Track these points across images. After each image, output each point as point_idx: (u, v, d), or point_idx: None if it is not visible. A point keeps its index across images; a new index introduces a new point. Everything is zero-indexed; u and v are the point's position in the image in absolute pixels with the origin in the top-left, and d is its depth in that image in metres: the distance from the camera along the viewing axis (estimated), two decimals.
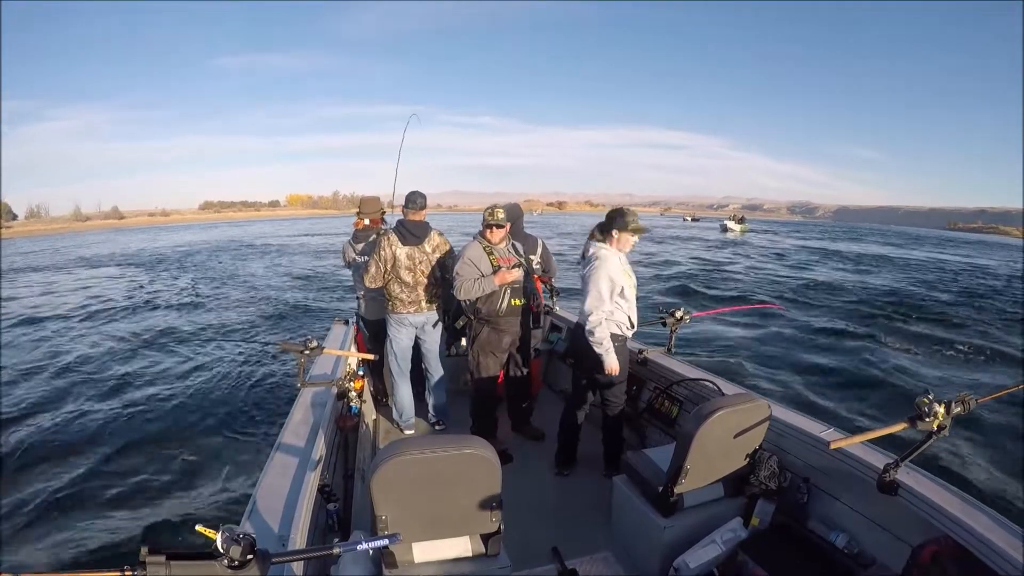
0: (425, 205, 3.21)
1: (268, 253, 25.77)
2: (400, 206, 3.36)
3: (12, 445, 4.72)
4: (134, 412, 5.45)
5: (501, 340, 3.03)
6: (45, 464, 4.39)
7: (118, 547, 3.22)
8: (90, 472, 4.25)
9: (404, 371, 3.37)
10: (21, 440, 4.82)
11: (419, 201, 3.17)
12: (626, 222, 2.50)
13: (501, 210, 2.94)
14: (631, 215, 2.54)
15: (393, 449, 1.51)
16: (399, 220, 3.19)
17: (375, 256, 3.11)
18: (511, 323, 3.02)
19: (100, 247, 35.86)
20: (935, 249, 41.28)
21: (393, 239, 3.10)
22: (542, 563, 1.99)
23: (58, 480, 4.13)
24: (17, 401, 5.85)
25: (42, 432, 5.00)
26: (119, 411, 5.48)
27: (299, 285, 14.94)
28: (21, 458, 4.50)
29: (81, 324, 10.28)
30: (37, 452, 4.61)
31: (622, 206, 2.69)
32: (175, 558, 0.91)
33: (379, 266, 3.10)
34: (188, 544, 0.98)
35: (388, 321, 3.30)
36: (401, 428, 3.47)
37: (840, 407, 5.79)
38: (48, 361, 7.53)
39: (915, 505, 1.64)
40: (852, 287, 15.45)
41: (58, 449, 4.66)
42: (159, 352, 7.83)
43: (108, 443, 4.75)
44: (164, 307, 11.94)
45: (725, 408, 1.89)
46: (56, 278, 18.69)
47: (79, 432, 4.99)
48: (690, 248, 29.43)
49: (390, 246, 3.09)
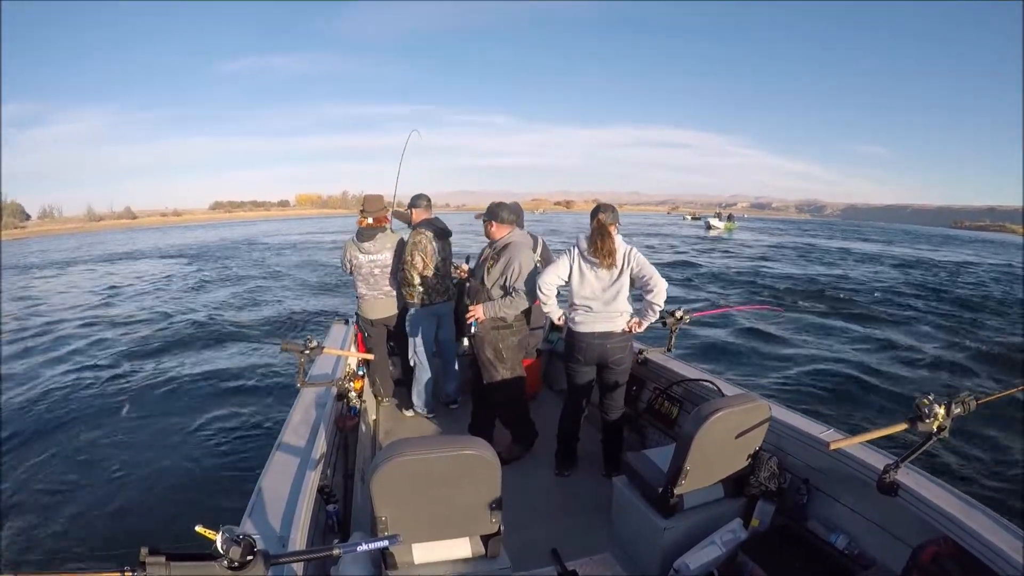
0: (430, 205, 3.60)
1: (284, 251, 25.84)
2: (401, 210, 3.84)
3: (10, 446, 4.72)
4: (133, 411, 5.45)
5: (518, 341, 2.98)
6: (44, 464, 4.40)
7: (118, 547, 3.23)
8: (88, 472, 4.25)
9: (429, 359, 3.57)
10: (19, 442, 4.82)
11: (423, 202, 3.55)
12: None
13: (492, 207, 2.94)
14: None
15: (393, 449, 1.51)
16: (425, 219, 3.50)
17: (418, 252, 3.35)
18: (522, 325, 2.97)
19: (119, 246, 36.10)
20: (928, 248, 40.78)
21: (429, 234, 3.39)
22: (542, 564, 1.99)
23: (57, 480, 4.13)
24: (14, 401, 5.85)
25: (39, 433, 5.00)
26: (118, 411, 5.48)
27: (308, 285, 14.94)
28: (20, 459, 4.50)
29: (90, 318, 10.30)
30: (36, 452, 4.62)
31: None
32: (175, 559, 0.91)
33: (423, 259, 3.36)
34: (188, 545, 0.98)
35: (415, 313, 3.49)
36: (418, 412, 3.68)
37: (839, 407, 5.79)
38: (44, 358, 7.53)
39: (915, 506, 1.64)
40: (823, 283, 15.55)
41: (55, 449, 4.66)
42: (158, 351, 7.82)
43: (105, 443, 4.75)
44: (163, 304, 11.95)
45: (725, 409, 1.88)
46: (75, 273, 19.00)
47: (75, 432, 4.99)
48: (670, 244, 29.29)
49: (429, 241, 3.38)
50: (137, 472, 4.25)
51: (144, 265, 22.34)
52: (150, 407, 5.59)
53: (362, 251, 3.53)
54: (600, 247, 2.52)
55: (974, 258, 30.76)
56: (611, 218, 2.58)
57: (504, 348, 2.88)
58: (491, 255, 2.86)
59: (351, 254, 3.56)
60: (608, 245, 2.52)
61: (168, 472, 4.25)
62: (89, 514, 3.69)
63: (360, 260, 3.53)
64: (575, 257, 2.61)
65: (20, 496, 3.90)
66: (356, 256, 3.54)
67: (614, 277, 2.56)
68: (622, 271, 2.56)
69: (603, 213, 2.58)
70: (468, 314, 2.81)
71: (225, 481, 4.08)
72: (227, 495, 3.83)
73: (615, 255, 2.53)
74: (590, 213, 2.67)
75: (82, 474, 4.22)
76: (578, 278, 2.60)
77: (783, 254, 26.56)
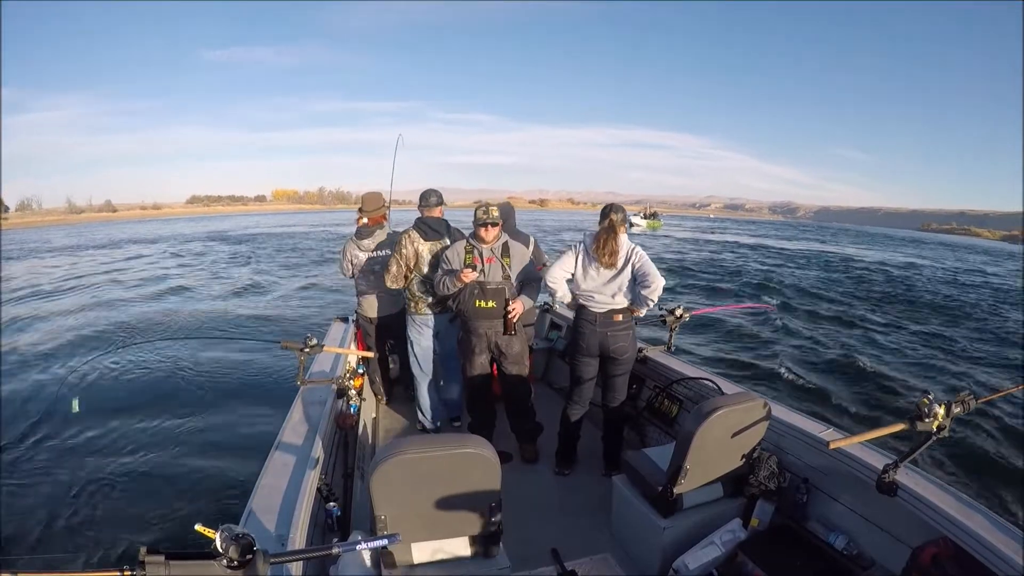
0: (441, 202, 3.24)
1: (282, 250, 25.95)
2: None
3: (10, 446, 4.72)
4: (131, 411, 5.44)
5: (471, 341, 2.90)
6: (43, 464, 4.39)
7: (117, 547, 3.22)
8: (87, 472, 4.24)
9: (428, 372, 3.36)
10: (16, 443, 4.82)
11: (432, 199, 3.21)
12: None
13: (495, 208, 2.87)
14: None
15: (393, 448, 1.51)
16: (417, 218, 3.19)
17: (396, 255, 3.10)
18: (481, 325, 2.85)
19: (127, 235, 36.20)
20: (879, 248, 42.08)
21: (415, 235, 3.11)
22: (542, 564, 1.99)
23: (57, 480, 4.12)
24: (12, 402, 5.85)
25: (38, 433, 4.99)
26: (115, 410, 5.47)
27: (308, 285, 14.96)
28: (19, 459, 4.50)
29: (86, 302, 10.29)
30: (36, 452, 4.61)
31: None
32: (174, 558, 0.91)
33: (400, 264, 3.09)
34: (187, 544, 0.97)
35: (410, 322, 3.28)
36: (427, 428, 3.42)
37: (838, 407, 5.80)
38: (38, 361, 7.53)
39: (914, 506, 1.64)
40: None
41: (55, 448, 4.65)
42: (157, 349, 7.81)
43: (104, 443, 4.74)
44: (160, 302, 11.93)
45: (725, 407, 1.88)
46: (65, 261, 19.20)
47: (74, 432, 4.98)
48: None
49: (412, 243, 3.09)
50: (136, 471, 4.25)
51: (146, 254, 22.64)
52: (149, 406, 5.57)
53: (362, 248, 3.53)
54: (604, 246, 2.58)
55: (911, 258, 32.39)
56: (621, 219, 2.64)
57: (527, 343, 2.98)
58: (499, 252, 2.86)
59: (352, 253, 3.56)
60: (613, 246, 2.58)
61: (167, 471, 4.24)
62: (88, 514, 3.68)
63: (360, 258, 3.54)
64: (580, 253, 2.69)
65: (20, 496, 3.90)
66: (357, 255, 3.55)
67: (615, 273, 2.62)
68: (623, 269, 2.60)
69: (615, 214, 2.63)
70: (511, 310, 2.79)
71: (224, 479, 4.07)
72: (226, 493, 3.83)
73: (618, 255, 2.58)
74: (600, 212, 2.73)
75: (81, 473, 4.20)
76: (582, 272, 2.68)
77: (692, 248, 28.65)
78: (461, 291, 2.80)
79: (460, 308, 2.85)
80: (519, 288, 2.88)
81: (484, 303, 2.78)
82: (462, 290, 2.79)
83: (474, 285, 2.77)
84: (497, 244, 2.85)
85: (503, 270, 2.82)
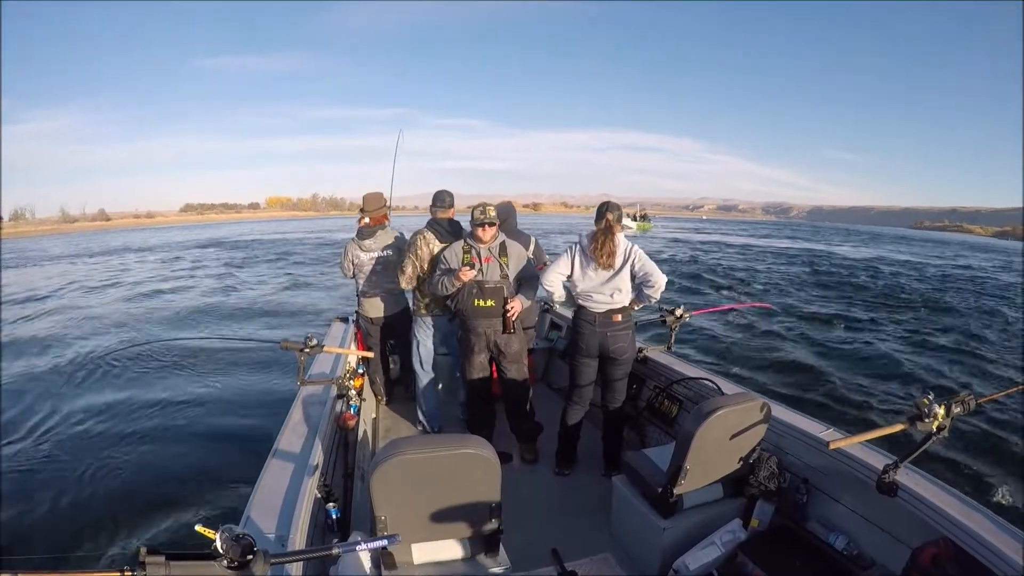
0: (453, 204, 3.23)
1: (283, 258, 26.11)
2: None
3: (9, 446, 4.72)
4: (131, 412, 5.44)
5: (470, 340, 2.90)
6: (42, 464, 4.39)
7: (117, 547, 3.22)
8: (87, 471, 4.24)
9: (429, 372, 3.37)
10: (17, 444, 4.82)
11: (447, 200, 3.20)
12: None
13: (492, 208, 2.87)
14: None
15: (393, 449, 1.50)
16: (430, 219, 3.18)
17: (411, 256, 3.10)
18: (480, 324, 2.85)
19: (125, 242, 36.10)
20: (873, 246, 42.63)
21: (430, 237, 3.10)
22: (542, 564, 1.99)
23: (57, 480, 4.12)
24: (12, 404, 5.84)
25: (34, 435, 4.99)
26: (115, 412, 5.47)
27: (306, 284, 14.97)
28: (17, 461, 4.50)
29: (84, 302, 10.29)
30: (34, 453, 4.62)
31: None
32: (174, 558, 0.91)
33: (415, 265, 3.10)
34: (187, 544, 0.97)
35: (417, 323, 3.30)
36: (427, 430, 3.41)
37: (838, 407, 5.79)
38: (38, 360, 7.53)
39: (914, 506, 1.64)
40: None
41: (53, 449, 4.66)
42: (156, 351, 7.80)
43: (104, 444, 4.74)
44: (160, 304, 11.94)
45: (725, 407, 1.88)
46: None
47: (72, 433, 4.99)
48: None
49: (427, 244, 3.09)
50: (136, 471, 4.25)
51: (142, 260, 22.60)
52: (148, 406, 5.58)
53: (363, 249, 3.53)
54: (601, 247, 2.57)
55: (896, 255, 32.84)
56: (617, 217, 2.62)
57: (526, 343, 2.97)
58: (497, 251, 2.85)
59: (353, 253, 3.55)
60: (609, 246, 2.56)
61: (167, 471, 4.24)
62: (88, 514, 3.67)
63: (362, 258, 3.54)
64: (576, 253, 2.67)
65: (19, 496, 3.89)
66: (358, 255, 3.54)
67: (613, 274, 2.60)
68: (621, 268, 2.59)
69: (610, 213, 2.61)
70: (510, 309, 2.78)
71: (224, 480, 4.06)
72: (226, 494, 3.83)
73: (615, 256, 2.57)
74: (596, 211, 2.70)
75: (81, 473, 4.21)
76: (579, 273, 2.66)
77: (686, 249, 29.40)
78: (460, 290, 2.80)
79: (459, 307, 2.85)
80: (517, 287, 2.88)
81: (482, 302, 2.79)
82: (460, 289, 2.79)
83: (472, 284, 2.77)
84: (495, 244, 2.85)
85: (501, 269, 2.82)
